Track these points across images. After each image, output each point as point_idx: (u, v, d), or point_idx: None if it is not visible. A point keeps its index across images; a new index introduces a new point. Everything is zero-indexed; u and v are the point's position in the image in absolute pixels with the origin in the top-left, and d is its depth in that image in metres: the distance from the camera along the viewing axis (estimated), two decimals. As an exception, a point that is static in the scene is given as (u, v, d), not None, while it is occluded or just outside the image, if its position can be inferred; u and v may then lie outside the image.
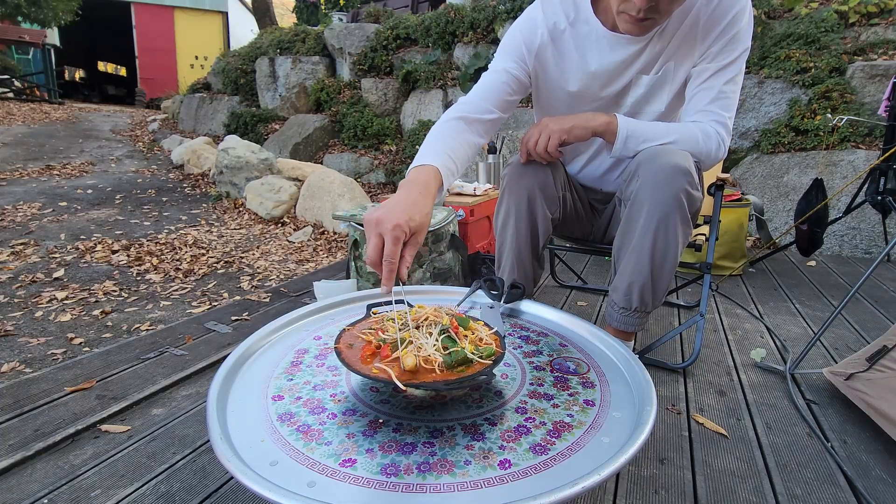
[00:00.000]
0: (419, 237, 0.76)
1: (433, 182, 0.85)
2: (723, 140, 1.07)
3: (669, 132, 1.07)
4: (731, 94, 1.07)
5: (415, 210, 0.76)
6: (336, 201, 3.99)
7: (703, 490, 0.93)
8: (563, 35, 1.12)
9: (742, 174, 3.49)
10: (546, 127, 1.07)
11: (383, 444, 0.66)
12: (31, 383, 1.30)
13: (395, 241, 0.72)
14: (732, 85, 1.06)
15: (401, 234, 0.72)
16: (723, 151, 1.09)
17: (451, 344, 0.74)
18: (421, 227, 0.77)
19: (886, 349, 1.12)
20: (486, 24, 5.18)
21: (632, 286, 1.10)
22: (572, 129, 1.05)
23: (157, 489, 0.92)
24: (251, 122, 6.45)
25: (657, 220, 1.02)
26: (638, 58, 1.09)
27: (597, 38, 1.09)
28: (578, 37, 1.11)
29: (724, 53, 1.04)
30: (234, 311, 1.89)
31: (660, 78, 1.10)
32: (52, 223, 3.77)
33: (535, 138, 1.08)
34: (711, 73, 1.06)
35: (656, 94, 1.13)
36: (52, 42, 13.57)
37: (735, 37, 1.03)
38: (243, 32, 14.67)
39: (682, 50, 1.07)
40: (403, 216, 0.73)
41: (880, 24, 3.61)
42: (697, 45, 1.06)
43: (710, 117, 1.07)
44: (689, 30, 1.05)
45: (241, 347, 0.88)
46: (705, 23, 1.03)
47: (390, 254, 0.72)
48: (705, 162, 1.10)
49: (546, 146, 1.07)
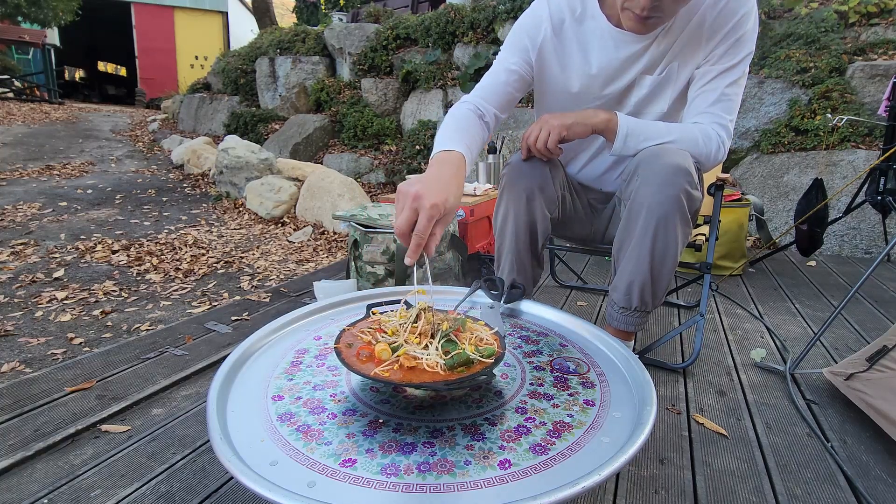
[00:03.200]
0: (448, 217, 0.78)
1: (462, 167, 0.88)
2: (723, 142, 1.07)
3: (670, 132, 1.07)
4: (733, 97, 1.06)
5: (450, 192, 0.78)
6: (336, 201, 3.99)
7: (703, 490, 0.93)
8: (567, 30, 1.12)
9: (742, 174, 3.49)
10: (546, 123, 1.07)
11: (383, 444, 0.66)
12: (31, 383, 1.30)
13: (430, 219, 0.73)
14: (735, 87, 1.06)
15: (436, 213, 0.74)
16: (722, 154, 1.09)
17: (452, 347, 0.74)
18: (452, 210, 0.79)
19: (886, 349, 1.12)
20: (486, 24, 5.19)
21: (632, 286, 1.10)
22: (573, 126, 1.05)
23: (157, 489, 0.92)
24: (251, 122, 6.45)
25: (657, 220, 1.02)
26: (641, 56, 1.09)
27: (601, 34, 1.09)
28: (583, 32, 1.11)
29: (728, 56, 1.04)
30: (234, 311, 1.89)
31: (663, 79, 1.10)
32: (52, 223, 3.77)
33: (536, 134, 1.08)
34: (715, 75, 1.06)
35: (659, 94, 1.13)
36: (52, 42, 13.55)
37: (740, 39, 1.03)
38: (243, 32, 14.67)
39: (686, 51, 1.06)
40: (441, 196, 0.75)
41: (880, 24, 3.62)
42: (702, 46, 1.05)
43: (712, 119, 1.06)
44: (695, 31, 1.04)
45: (241, 347, 0.88)
46: (711, 24, 1.03)
47: (422, 229, 0.73)
48: (704, 164, 1.09)
49: (546, 142, 1.06)
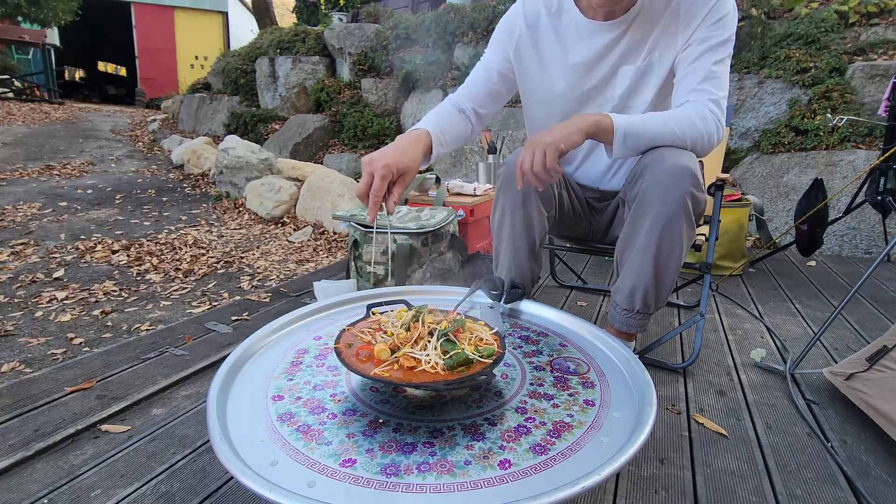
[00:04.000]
0: (407, 178, 0.90)
1: (424, 138, 0.99)
2: (719, 120, 1.05)
3: (666, 121, 1.04)
4: (721, 74, 1.05)
5: (403, 155, 0.90)
6: (336, 201, 3.99)
7: (703, 490, 0.93)
8: (543, 26, 1.14)
9: (742, 174, 3.49)
10: (538, 143, 0.95)
11: (383, 444, 0.66)
12: (31, 383, 1.30)
13: (383, 178, 0.85)
14: (722, 66, 1.05)
15: (388, 172, 0.86)
16: (721, 133, 1.06)
17: (451, 347, 0.74)
18: (408, 170, 0.90)
19: (886, 349, 1.12)
20: (486, 24, 5.19)
21: (635, 288, 1.10)
22: (566, 137, 0.95)
23: (157, 489, 0.92)
24: (251, 122, 6.45)
25: (663, 223, 1.01)
26: (618, 44, 1.09)
27: (576, 26, 1.11)
28: (560, 26, 1.13)
29: (711, 37, 1.04)
30: (234, 311, 1.89)
31: (645, 68, 1.10)
32: (52, 223, 3.77)
33: (530, 159, 0.94)
34: (700, 55, 1.04)
35: (643, 85, 1.12)
36: (52, 42, 13.55)
37: (721, 21, 1.03)
38: (243, 32, 14.66)
39: (665, 39, 1.07)
40: (392, 158, 0.88)
41: (880, 24, 3.61)
42: (680, 32, 1.06)
43: (704, 97, 1.04)
44: (672, 18, 1.05)
45: (241, 347, 0.88)
46: (686, 13, 1.04)
47: (376, 188, 0.85)
48: (706, 146, 1.05)
49: (544, 162, 0.93)
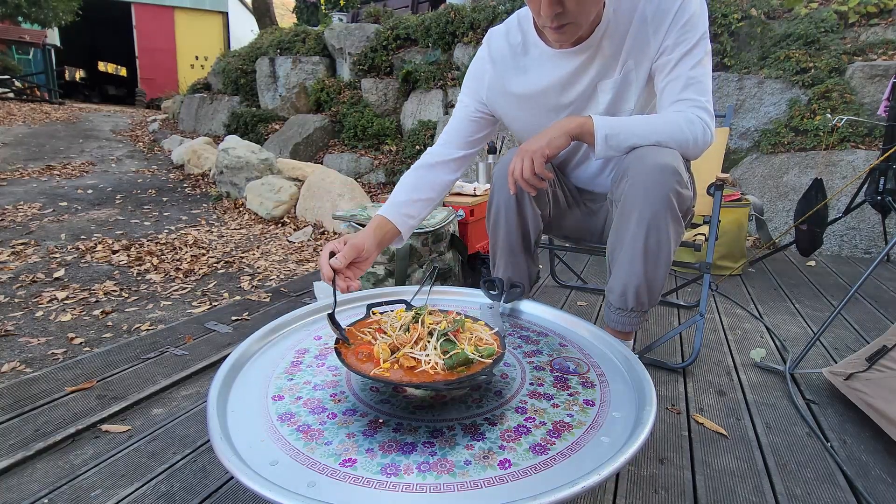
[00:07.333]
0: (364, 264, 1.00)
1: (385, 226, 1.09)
2: (707, 124, 1.04)
3: (650, 123, 1.04)
4: (701, 78, 1.05)
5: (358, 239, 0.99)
6: (336, 201, 3.99)
7: (702, 490, 0.94)
8: (509, 64, 1.15)
9: (742, 174, 3.49)
10: (525, 151, 1.01)
11: (383, 444, 0.66)
12: (31, 383, 1.30)
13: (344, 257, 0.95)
14: (700, 69, 1.04)
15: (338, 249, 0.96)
16: (710, 136, 1.05)
17: (451, 347, 0.74)
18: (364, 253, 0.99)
19: (886, 349, 1.12)
20: (486, 24, 5.18)
21: (627, 287, 1.10)
22: (551, 142, 1.01)
23: (157, 489, 0.92)
24: (251, 122, 6.45)
25: (648, 221, 1.02)
26: (591, 64, 1.09)
27: (546, 59, 1.12)
28: (528, 61, 1.14)
29: (682, 42, 1.03)
30: (234, 311, 1.89)
31: (623, 79, 1.10)
32: (52, 223, 3.77)
33: (520, 167, 1.01)
34: (675, 63, 1.04)
35: (624, 95, 1.12)
36: (53, 42, 13.54)
37: (688, 23, 1.02)
38: (243, 32, 14.66)
39: (637, 48, 1.06)
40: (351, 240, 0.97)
41: (880, 24, 3.62)
42: (650, 41, 1.05)
43: (688, 105, 1.04)
44: (639, 27, 1.05)
45: (242, 347, 0.88)
46: (652, 19, 1.03)
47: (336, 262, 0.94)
48: (693, 149, 1.06)
49: (532, 168, 1.00)
